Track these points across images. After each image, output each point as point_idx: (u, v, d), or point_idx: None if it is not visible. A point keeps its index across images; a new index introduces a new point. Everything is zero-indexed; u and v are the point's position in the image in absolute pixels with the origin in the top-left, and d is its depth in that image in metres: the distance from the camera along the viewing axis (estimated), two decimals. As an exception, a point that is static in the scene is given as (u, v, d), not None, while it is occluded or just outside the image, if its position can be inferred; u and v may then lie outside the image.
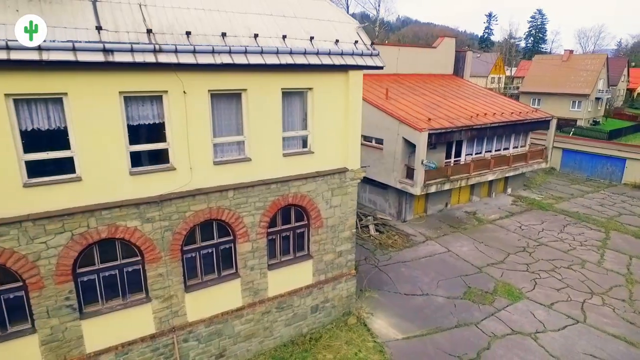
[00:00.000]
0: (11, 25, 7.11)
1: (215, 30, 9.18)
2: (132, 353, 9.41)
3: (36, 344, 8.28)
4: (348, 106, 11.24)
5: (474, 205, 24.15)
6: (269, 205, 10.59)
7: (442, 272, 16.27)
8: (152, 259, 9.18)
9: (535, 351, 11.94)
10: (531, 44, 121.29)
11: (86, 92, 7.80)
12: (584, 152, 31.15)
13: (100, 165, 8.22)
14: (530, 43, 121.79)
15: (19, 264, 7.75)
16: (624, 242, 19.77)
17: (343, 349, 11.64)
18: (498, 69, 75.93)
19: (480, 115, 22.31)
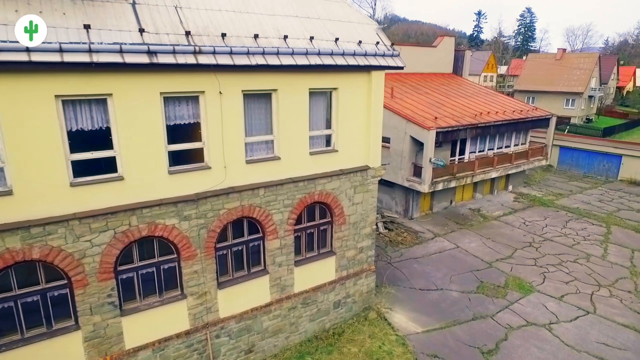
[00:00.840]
0: (61, 28, 7.39)
1: (247, 31, 9.54)
2: (168, 349, 9.72)
3: (80, 341, 8.54)
4: (370, 105, 11.69)
5: (477, 202, 24.85)
6: (297, 202, 10.99)
7: (453, 268, 16.84)
8: (188, 256, 9.50)
9: (551, 341, 12.56)
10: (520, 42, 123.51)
11: (130, 93, 8.11)
12: (581, 150, 32.17)
13: (141, 165, 8.53)
14: (520, 41, 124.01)
15: (65, 261, 8.01)
16: (625, 236, 20.64)
17: (367, 342, 12.09)
18: (490, 67, 77.31)
19: (483, 113, 23.00)
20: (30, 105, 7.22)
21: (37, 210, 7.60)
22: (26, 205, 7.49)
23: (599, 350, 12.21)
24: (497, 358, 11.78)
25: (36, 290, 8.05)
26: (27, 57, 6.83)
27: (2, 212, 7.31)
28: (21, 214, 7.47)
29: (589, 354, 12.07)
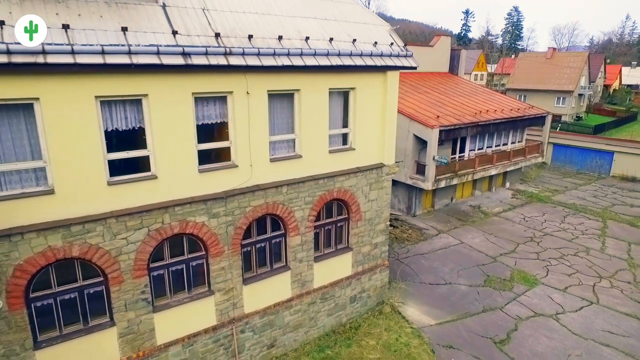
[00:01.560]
0: (100, 31, 7.68)
1: (271, 33, 9.92)
2: (196, 344, 10.03)
3: (115, 337, 8.81)
4: (385, 105, 12.18)
5: (476, 199, 25.57)
6: (317, 199, 11.40)
7: (459, 263, 17.43)
8: (216, 253, 9.83)
9: (559, 330, 13.21)
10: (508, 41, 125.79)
11: (164, 94, 8.42)
12: (574, 147, 33.23)
13: (173, 163, 8.84)
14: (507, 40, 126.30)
15: (103, 259, 8.29)
16: (621, 230, 21.54)
17: (384, 335, 12.56)
18: (481, 66, 78.68)
19: (482, 112, 23.70)
20: (72, 106, 7.49)
21: (76, 208, 7.86)
22: (67, 204, 7.75)
23: (605, 338, 12.89)
24: (509, 347, 12.36)
25: (74, 288, 8.31)
26: (72, 59, 7.11)
27: (45, 210, 7.56)
28: (62, 212, 7.73)
29: (595, 341, 12.74)
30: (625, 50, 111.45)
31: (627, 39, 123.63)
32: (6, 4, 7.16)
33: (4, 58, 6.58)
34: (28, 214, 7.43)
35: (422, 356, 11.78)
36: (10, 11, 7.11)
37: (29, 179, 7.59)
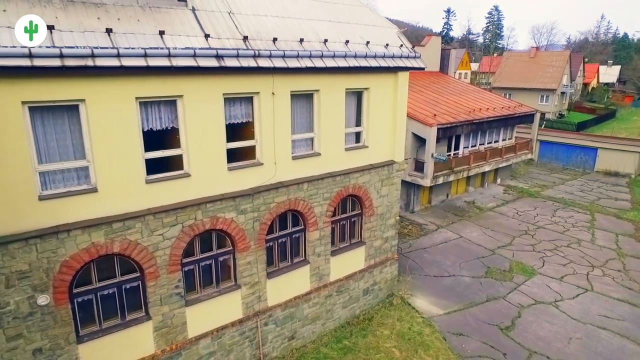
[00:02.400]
0: (139, 34, 8.07)
1: (293, 36, 10.45)
2: (224, 337, 10.48)
3: (150, 331, 9.19)
4: (396, 104, 12.85)
5: (470, 195, 26.59)
6: (334, 195, 11.98)
7: (460, 256, 18.29)
8: (243, 248, 10.31)
9: (559, 316, 14.15)
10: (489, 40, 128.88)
11: (198, 95, 8.86)
12: (559, 143, 34.73)
13: (205, 162, 9.28)
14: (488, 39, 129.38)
15: (141, 255, 8.67)
16: (609, 222, 22.85)
17: (396, 325, 13.24)
18: (465, 65, 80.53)
19: (475, 110, 24.70)
20: (115, 107, 7.87)
21: (118, 206, 8.24)
22: (109, 202, 8.12)
23: (601, 322, 13.89)
24: (515, 333, 13.21)
25: (113, 283, 8.67)
26: (118, 62, 7.50)
27: (88, 208, 7.91)
28: (104, 210, 8.10)
29: (593, 325, 13.72)
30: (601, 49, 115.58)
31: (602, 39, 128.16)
32: (52, 9, 7.49)
33: (57, 62, 6.93)
34: (74, 212, 7.78)
35: (435, 343, 12.51)
36: (57, 16, 7.44)
37: (71, 178, 7.92)
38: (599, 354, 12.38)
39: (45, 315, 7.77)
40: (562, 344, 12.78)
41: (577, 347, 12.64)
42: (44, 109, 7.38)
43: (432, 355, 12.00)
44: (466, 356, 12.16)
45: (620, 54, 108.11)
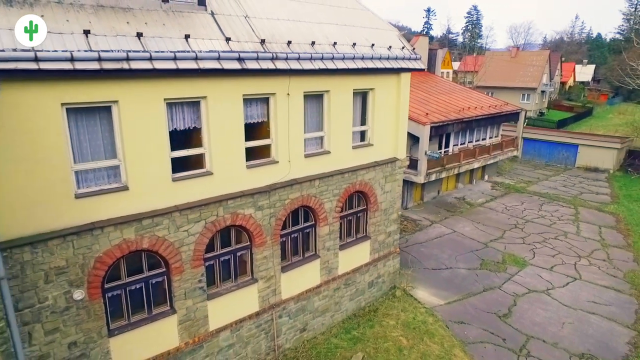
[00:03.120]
0: (167, 38, 8.50)
1: (304, 39, 11.00)
2: (242, 329, 10.96)
3: (175, 324, 9.60)
4: (399, 103, 13.54)
5: (460, 191, 27.63)
6: (342, 192, 12.59)
7: (455, 249, 19.17)
8: (260, 243, 10.81)
9: (551, 303, 15.14)
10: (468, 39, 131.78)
11: (221, 95, 9.33)
12: (542, 141, 36.24)
13: (226, 160, 9.75)
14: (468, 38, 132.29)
15: (168, 250, 9.09)
16: (591, 215, 24.19)
17: (401, 315, 13.95)
18: (446, 64, 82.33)
19: (465, 109, 25.72)
20: (145, 108, 8.28)
21: (147, 203, 8.63)
22: (139, 199, 8.51)
23: (591, 307, 14.94)
24: (512, 320, 14.10)
25: (141, 278, 9.05)
26: (150, 65, 7.92)
27: (120, 205, 8.29)
28: (135, 207, 8.49)
29: (583, 310, 14.75)
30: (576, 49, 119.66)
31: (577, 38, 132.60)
32: (85, 14, 7.85)
33: (95, 65, 7.31)
34: (106, 209, 8.14)
35: (439, 331, 13.27)
36: (90, 20, 7.81)
37: (102, 177, 8.29)
38: (590, 336, 13.37)
39: (80, 310, 8.12)
40: (556, 328, 13.73)
41: (570, 331, 13.61)
42: (78, 110, 7.73)
43: (438, 342, 12.75)
44: (469, 342, 12.95)
45: (595, 53, 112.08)
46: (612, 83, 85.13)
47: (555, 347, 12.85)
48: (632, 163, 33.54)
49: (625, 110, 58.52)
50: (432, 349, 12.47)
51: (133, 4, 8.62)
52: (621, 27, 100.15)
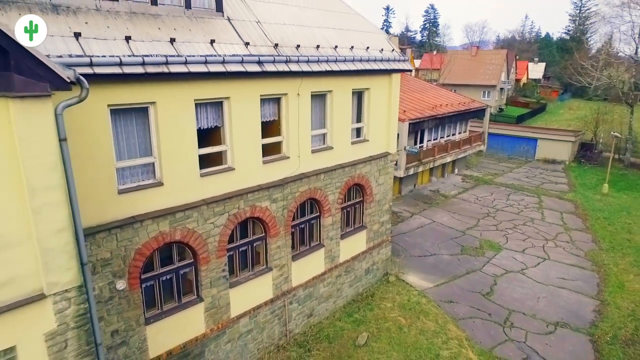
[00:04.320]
0: (194, 43, 9.26)
1: (309, 43, 12.01)
2: (259, 316, 11.83)
3: (202, 311, 10.36)
4: (390, 102, 14.83)
5: (434, 184, 29.51)
6: (343, 184, 13.71)
7: (437, 238, 20.81)
8: (274, 234, 11.72)
9: (527, 281, 17.01)
10: (426, 37, 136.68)
11: (241, 96, 10.18)
12: (504, 135, 39.04)
13: (245, 156, 10.60)
14: (426, 36, 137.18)
15: (197, 241, 9.84)
16: (553, 202, 26.73)
17: (397, 298, 15.28)
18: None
19: (437, 106, 27.57)
20: (178, 109, 9.01)
21: (179, 198, 9.36)
22: (172, 194, 9.23)
23: (560, 283, 16.93)
24: (494, 297, 15.80)
25: (172, 269, 9.75)
26: (186, 69, 8.67)
27: (156, 200, 8.98)
28: (168, 201, 9.19)
29: (554, 286, 16.71)
30: (527, 47, 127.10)
31: (527, 37, 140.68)
32: (122, 21, 8.48)
33: (140, 69, 8.00)
34: (144, 204, 8.81)
35: (433, 310, 14.70)
36: (127, 27, 8.46)
37: (137, 174, 8.94)
38: (562, 307, 15.27)
39: (121, 299, 8.75)
40: (532, 302, 15.55)
41: (545, 304, 15.46)
42: (119, 111, 8.37)
43: (432, 320, 14.17)
44: (459, 318, 14.47)
45: (544, 52, 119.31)
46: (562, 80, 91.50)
47: (534, 318, 14.63)
48: (584, 155, 36.97)
49: (574, 106, 63.58)
50: (428, 326, 13.87)
51: (160, 11, 9.31)
52: (568, 28, 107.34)
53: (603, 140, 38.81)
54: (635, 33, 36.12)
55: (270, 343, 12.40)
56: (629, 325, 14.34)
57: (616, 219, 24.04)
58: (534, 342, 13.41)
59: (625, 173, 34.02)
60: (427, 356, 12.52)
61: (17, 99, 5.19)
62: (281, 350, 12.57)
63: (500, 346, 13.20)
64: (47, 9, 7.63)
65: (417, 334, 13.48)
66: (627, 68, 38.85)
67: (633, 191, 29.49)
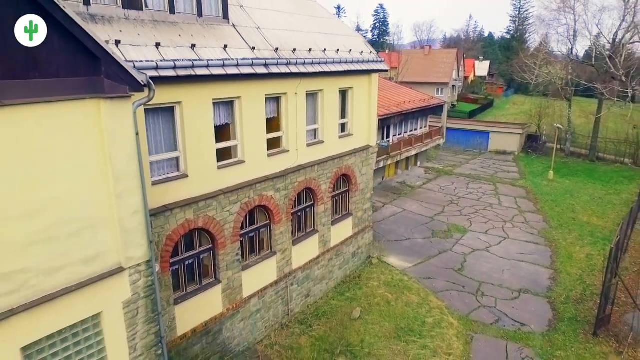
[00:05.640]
0: (210, 48, 10.38)
1: (303, 46, 13.38)
2: (266, 296, 13.07)
3: (219, 292, 11.46)
4: (370, 99, 16.50)
5: (400, 177, 31.72)
6: (333, 175, 15.19)
7: (409, 224, 22.83)
8: (278, 221, 13.00)
9: (491, 257, 19.34)
10: (377, 36, 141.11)
11: (250, 95, 11.39)
12: (460, 129, 42.19)
13: (253, 150, 11.81)
14: (376, 36, 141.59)
15: (216, 228, 10.95)
16: (507, 189, 29.71)
17: (382, 277, 17.00)
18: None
19: (402, 103, 29.73)
20: (200, 107, 10.11)
21: (201, 188, 10.44)
22: (196, 186, 10.30)
23: (520, 257, 19.40)
24: (466, 272, 17.93)
25: (194, 254, 10.81)
26: (208, 71, 9.79)
27: (182, 191, 10.02)
28: (192, 192, 10.26)
29: (515, 260, 19.14)
30: (472, 46, 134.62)
31: (472, 36, 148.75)
32: (148, 28, 9.47)
33: (172, 72, 9.05)
34: (173, 194, 9.84)
35: (414, 286, 16.56)
36: (155, 34, 9.46)
37: (162, 167, 9.95)
38: (523, 277, 17.65)
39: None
40: (498, 274, 17.82)
41: (509, 275, 17.78)
42: (151, 111, 9.36)
43: (415, 294, 16.01)
44: (438, 291, 16.41)
45: (488, 50, 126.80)
46: (505, 77, 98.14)
47: (501, 287, 16.86)
48: (531, 145, 40.80)
49: (518, 101, 68.91)
50: (412, 299, 15.68)
51: (177, 19, 10.35)
52: (509, 28, 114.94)
53: (546, 132, 42.95)
54: (570, 35, 40.40)
55: (276, 322, 13.66)
56: (578, 287, 16.92)
57: (562, 201, 27.26)
58: (503, 306, 15.58)
59: (566, 161, 38.03)
60: (414, 323, 14.29)
61: (107, 100, 6.23)
62: (285, 328, 13.87)
63: (475, 312, 15.25)
64: (87, 19, 8.52)
65: (404, 306, 15.25)
66: (564, 66, 43.16)
67: (574, 177, 33.23)
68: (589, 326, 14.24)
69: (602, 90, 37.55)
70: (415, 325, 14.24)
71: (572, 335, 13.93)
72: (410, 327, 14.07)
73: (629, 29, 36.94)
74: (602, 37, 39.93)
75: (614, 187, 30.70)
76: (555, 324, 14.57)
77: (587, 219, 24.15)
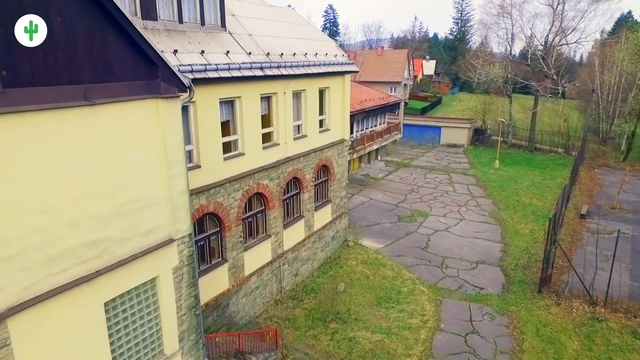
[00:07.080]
0: (214, 53, 11.81)
1: (287, 50, 15.03)
2: (263, 274, 14.61)
3: (226, 271, 12.89)
4: (344, 97, 18.41)
5: (363, 170, 33.98)
6: (315, 166, 16.95)
7: (377, 211, 25.05)
8: (272, 206, 14.58)
9: (451, 236, 21.93)
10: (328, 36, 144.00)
11: (249, 95, 12.90)
12: (414, 125, 45.25)
13: (251, 144, 13.33)
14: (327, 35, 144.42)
15: (224, 212, 12.37)
16: (460, 178, 32.82)
17: (359, 257, 19.00)
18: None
19: (363, 101, 31.94)
20: (210, 105, 11.51)
21: (211, 177, 11.85)
22: (206, 175, 11.69)
23: (475, 235, 22.14)
24: (430, 249, 20.35)
25: (205, 236, 12.18)
26: (217, 74, 11.22)
27: (196, 179, 11.37)
28: (205, 180, 11.65)
29: (471, 237, 21.84)
30: (418, 46, 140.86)
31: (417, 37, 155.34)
32: (163, 37, 10.76)
33: (190, 75, 10.40)
34: (190, 183, 11.16)
35: (388, 262, 18.70)
36: (170, 42, 10.76)
37: (178, 159, 11.25)
38: (479, 251, 20.32)
39: (176, 259, 11.02)
40: (458, 250, 20.38)
41: (467, 250, 20.39)
42: (169, 109, 10.65)
43: (389, 269, 18.15)
44: (408, 266, 18.66)
45: (433, 50, 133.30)
46: (450, 75, 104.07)
47: (461, 260, 19.39)
48: (478, 138, 44.59)
49: (464, 98, 73.98)
50: (387, 273, 17.79)
51: (185, 28, 11.68)
52: (452, 29, 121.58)
53: (491, 126, 47.05)
54: (509, 37, 44.63)
55: (271, 297, 15.24)
56: (524, 257, 19.79)
57: (507, 186, 30.65)
58: (464, 275, 18.07)
59: (509, 152, 42.05)
60: (391, 293, 16.39)
61: (164, 99, 7.64)
62: (279, 303, 15.48)
63: (442, 281, 17.61)
64: (115, 29, 9.71)
65: (381, 279, 17.32)
66: (504, 66, 47.46)
67: (517, 165, 37.07)
68: (534, 286, 16.98)
69: (537, 87, 41.95)
70: (392, 294, 16.33)
71: (521, 294, 16.60)
72: (389, 296, 16.15)
73: (557, 33, 41.57)
74: (536, 39, 44.50)
75: (550, 173, 34.71)
76: (508, 286, 17.22)
77: (529, 201, 27.53)
